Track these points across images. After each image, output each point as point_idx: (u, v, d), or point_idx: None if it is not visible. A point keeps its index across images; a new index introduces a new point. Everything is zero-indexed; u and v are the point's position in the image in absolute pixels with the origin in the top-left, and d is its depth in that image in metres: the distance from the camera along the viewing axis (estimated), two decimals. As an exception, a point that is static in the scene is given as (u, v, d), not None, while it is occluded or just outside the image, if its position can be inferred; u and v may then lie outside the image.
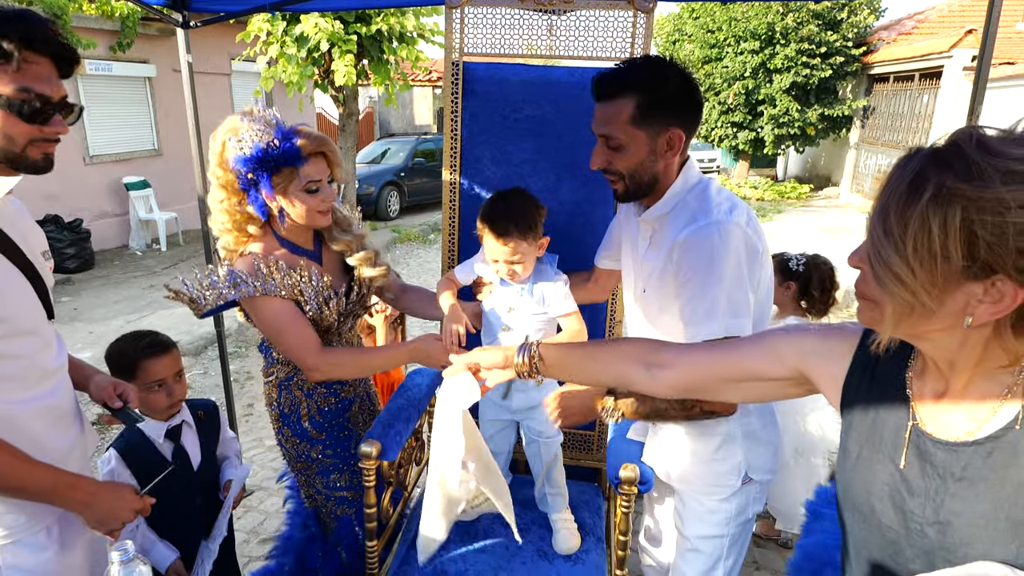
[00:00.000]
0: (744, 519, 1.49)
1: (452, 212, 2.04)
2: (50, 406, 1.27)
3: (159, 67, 8.72)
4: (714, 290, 1.24)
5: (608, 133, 1.32)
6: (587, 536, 1.84)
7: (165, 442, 1.66)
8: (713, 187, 1.36)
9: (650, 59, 1.35)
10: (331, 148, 1.57)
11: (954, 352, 0.77)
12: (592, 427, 2.15)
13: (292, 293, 1.56)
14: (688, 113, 1.32)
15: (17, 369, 1.18)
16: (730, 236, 1.26)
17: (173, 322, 5.49)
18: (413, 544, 1.81)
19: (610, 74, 1.31)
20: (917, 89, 11.05)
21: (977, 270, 0.68)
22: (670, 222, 1.36)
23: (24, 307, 1.20)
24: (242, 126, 1.49)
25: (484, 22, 1.92)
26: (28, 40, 1.07)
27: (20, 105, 1.08)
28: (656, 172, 1.34)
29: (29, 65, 1.08)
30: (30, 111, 1.09)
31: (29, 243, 1.25)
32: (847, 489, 0.91)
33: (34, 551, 1.26)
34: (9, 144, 1.11)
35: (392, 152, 12.04)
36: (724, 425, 1.42)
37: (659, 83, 1.27)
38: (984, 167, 0.66)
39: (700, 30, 13.55)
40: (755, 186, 13.82)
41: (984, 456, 0.76)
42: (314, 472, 1.80)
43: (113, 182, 8.46)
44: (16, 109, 1.08)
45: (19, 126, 1.10)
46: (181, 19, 2.61)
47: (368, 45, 7.60)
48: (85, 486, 1.23)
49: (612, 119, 1.30)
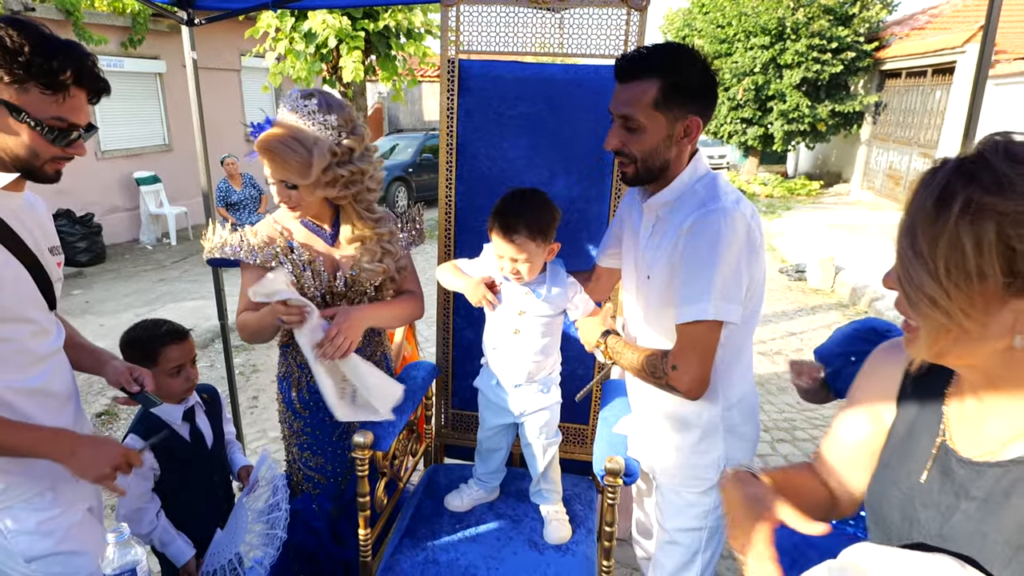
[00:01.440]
0: (722, 512, 1.51)
1: (448, 207, 2.07)
2: (39, 388, 1.33)
3: (169, 63, 8.81)
4: (711, 272, 1.26)
5: (628, 114, 1.31)
6: (578, 528, 1.86)
7: (182, 424, 1.75)
8: (721, 180, 1.37)
9: (675, 45, 1.35)
10: (271, 155, 1.54)
11: (996, 371, 0.73)
12: (587, 421, 2.17)
13: (271, 263, 1.68)
14: (707, 103, 1.33)
15: (6, 352, 1.25)
16: (735, 223, 1.27)
17: (181, 315, 5.56)
18: (408, 533, 1.85)
19: (636, 55, 1.31)
20: (930, 85, 10.94)
21: (1021, 284, 0.64)
22: (677, 209, 1.36)
23: (17, 295, 1.26)
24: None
25: (479, 20, 1.94)
26: (79, 76, 1.18)
27: (53, 131, 1.19)
28: (668, 158, 1.34)
29: (71, 98, 1.19)
30: (59, 135, 1.20)
31: (35, 236, 1.31)
32: (869, 494, 0.91)
33: (34, 512, 1.31)
34: (32, 158, 1.21)
35: (400, 148, 12.08)
36: (705, 416, 1.44)
37: (684, 69, 1.28)
38: (1014, 178, 0.63)
39: (710, 25, 13.47)
40: (764, 183, 13.73)
41: (998, 478, 0.74)
42: (292, 443, 1.89)
43: (124, 177, 8.56)
44: (47, 133, 1.19)
45: (47, 147, 1.21)
46: (186, 16, 2.65)
47: (376, 41, 7.65)
48: (66, 437, 1.28)
49: (634, 100, 1.30)
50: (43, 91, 1.17)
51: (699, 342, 1.29)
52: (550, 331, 1.73)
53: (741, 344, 1.41)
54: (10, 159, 1.21)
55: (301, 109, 1.56)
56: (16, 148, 1.20)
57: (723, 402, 1.43)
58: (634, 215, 1.51)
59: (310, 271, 1.71)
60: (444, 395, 2.23)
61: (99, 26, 7.61)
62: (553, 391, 1.80)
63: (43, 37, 1.17)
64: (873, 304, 5.79)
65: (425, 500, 2.00)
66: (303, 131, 1.55)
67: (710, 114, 1.35)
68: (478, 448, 1.95)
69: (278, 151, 1.53)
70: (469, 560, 1.74)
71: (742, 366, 1.44)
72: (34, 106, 1.18)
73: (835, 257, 6.82)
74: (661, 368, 1.34)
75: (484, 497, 1.98)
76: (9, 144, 1.20)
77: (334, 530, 1.88)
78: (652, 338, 1.47)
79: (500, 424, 1.86)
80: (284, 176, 1.58)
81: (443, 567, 1.72)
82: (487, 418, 1.87)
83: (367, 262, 1.74)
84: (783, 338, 5.16)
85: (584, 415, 2.15)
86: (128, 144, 8.65)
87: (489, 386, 1.82)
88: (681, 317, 1.30)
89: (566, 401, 1.85)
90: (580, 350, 1.73)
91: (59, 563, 1.35)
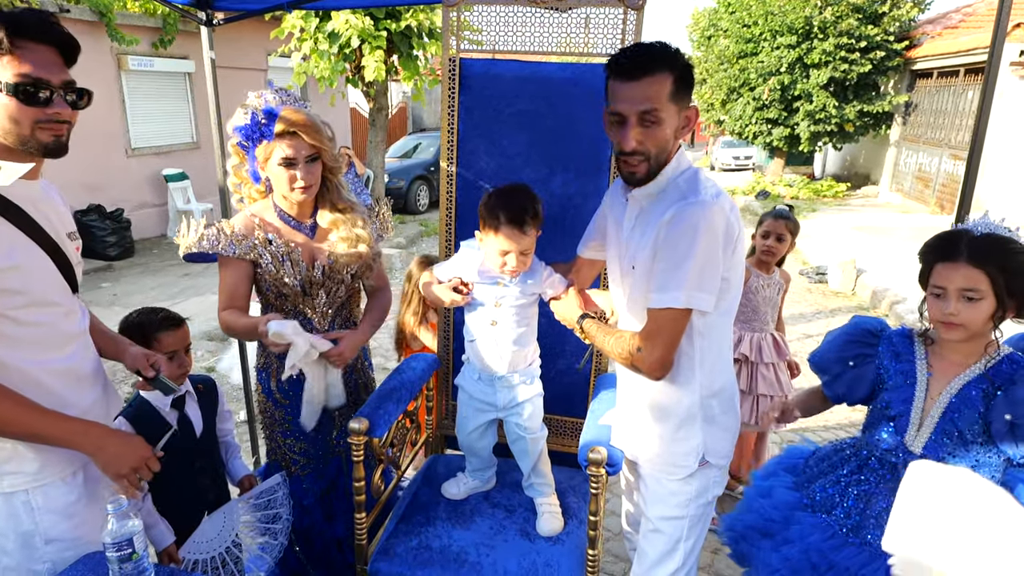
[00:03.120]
0: (704, 501, 1.53)
1: (449, 202, 2.11)
2: (70, 368, 1.39)
3: (198, 63, 9.01)
4: (688, 262, 1.30)
5: (650, 108, 1.31)
6: (570, 519, 1.89)
7: (171, 411, 1.78)
8: (702, 175, 1.41)
9: (663, 42, 1.37)
10: (306, 128, 1.69)
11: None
12: (582, 415, 2.20)
13: (250, 255, 1.76)
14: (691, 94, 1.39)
15: (39, 334, 1.30)
16: (713, 216, 1.31)
17: (203, 308, 5.71)
18: (403, 519, 1.90)
19: (642, 52, 1.33)
20: (962, 85, 10.68)
21: None
22: (660, 201, 1.40)
23: (45, 281, 1.31)
24: (251, 101, 1.69)
25: (480, 20, 1.98)
26: (17, 29, 1.17)
27: (19, 89, 1.18)
28: (671, 151, 1.39)
29: (26, 52, 1.18)
30: (30, 95, 1.19)
31: (53, 223, 1.36)
32: None
33: (64, 493, 1.36)
34: (16, 127, 1.22)
35: (423, 147, 12.19)
36: (684, 404, 1.47)
37: (686, 62, 1.34)
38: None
39: (736, 24, 13.33)
40: (790, 184, 13.55)
41: None
42: (276, 430, 1.96)
43: (153, 174, 8.79)
44: (16, 93, 1.18)
45: (22, 110, 1.20)
46: (205, 17, 2.74)
47: (398, 41, 7.74)
48: (96, 432, 1.34)
49: (655, 95, 1.31)
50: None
51: (666, 327, 1.35)
52: (525, 319, 1.78)
53: (721, 335, 1.43)
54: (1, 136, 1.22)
55: (286, 99, 1.73)
56: (5, 122, 1.20)
57: (701, 391, 1.45)
58: (617, 207, 1.55)
59: (289, 261, 1.78)
60: (444, 387, 2.27)
61: (131, 27, 7.83)
62: (535, 383, 1.84)
63: None
64: (894, 307, 5.69)
65: (423, 488, 2.05)
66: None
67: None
68: (461, 445, 1.98)
69: (313, 122, 1.70)
70: (461, 546, 1.78)
71: (722, 357, 1.47)
72: None
73: (857, 260, 6.72)
74: (628, 349, 1.40)
75: (480, 487, 2.02)
76: None
77: (324, 508, 1.94)
78: (636, 326, 1.50)
79: (482, 423, 1.88)
80: (319, 142, 1.72)
81: (435, 552, 1.77)
82: (469, 418, 1.90)
83: (344, 249, 1.81)
84: (799, 340, 5.10)
85: (579, 409, 2.18)
86: (157, 142, 8.88)
87: (472, 381, 1.86)
88: (654, 303, 1.34)
89: (561, 392, 1.89)
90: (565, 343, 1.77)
91: (72, 548, 1.37)
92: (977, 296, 1.34)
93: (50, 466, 1.34)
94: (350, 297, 1.94)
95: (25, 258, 1.27)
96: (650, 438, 1.53)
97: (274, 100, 1.70)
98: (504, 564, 1.72)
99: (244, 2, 2.81)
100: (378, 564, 1.75)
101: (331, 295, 1.85)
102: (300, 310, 1.85)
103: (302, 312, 1.85)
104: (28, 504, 1.32)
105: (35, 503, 1.32)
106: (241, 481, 2.00)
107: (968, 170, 2.11)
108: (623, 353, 1.41)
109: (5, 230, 1.23)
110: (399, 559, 1.75)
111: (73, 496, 1.38)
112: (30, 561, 1.34)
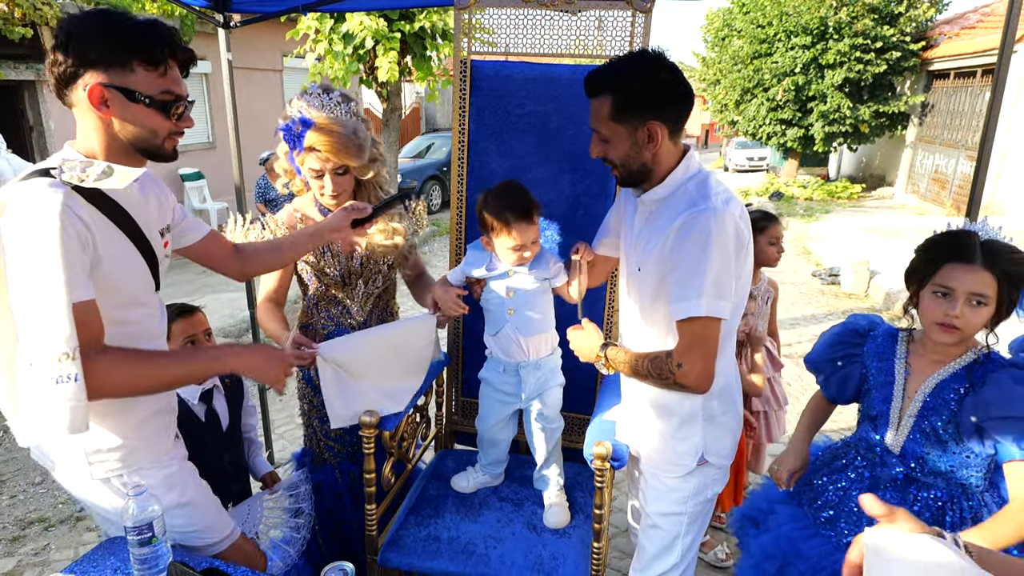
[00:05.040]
0: (703, 499, 1.55)
1: (460, 202, 2.15)
2: None
3: (215, 64, 9.14)
4: (703, 270, 1.31)
5: (594, 128, 1.42)
6: (577, 514, 1.92)
7: (199, 404, 1.84)
8: (712, 179, 1.42)
9: (629, 57, 1.40)
10: (333, 147, 1.73)
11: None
12: (588, 411, 2.22)
13: None
14: (666, 107, 1.37)
15: (132, 334, 1.33)
16: (724, 223, 1.32)
17: (219, 306, 5.80)
18: (413, 510, 1.94)
19: (591, 74, 1.39)
20: (979, 86, 10.56)
21: None
22: (668, 206, 1.41)
23: (140, 282, 1.35)
24: (290, 108, 1.77)
25: (492, 22, 2.02)
26: (172, 49, 1.25)
27: (164, 104, 1.26)
28: (644, 162, 1.40)
29: (168, 68, 1.26)
30: (170, 108, 1.27)
31: (147, 219, 1.38)
32: None
33: (160, 469, 1.41)
34: (153, 137, 1.28)
35: (436, 147, 12.27)
36: (687, 405, 1.49)
37: (631, 81, 1.34)
38: None
39: (750, 25, 13.26)
40: (804, 185, 13.46)
41: None
42: (313, 416, 2.04)
43: (169, 173, 8.91)
44: (161, 107, 1.26)
45: (163, 122, 1.27)
46: (222, 19, 2.80)
47: (411, 42, 7.79)
48: (235, 351, 1.38)
49: (596, 115, 1.40)
50: (146, 67, 1.22)
51: (701, 338, 1.36)
52: (540, 306, 1.82)
53: (724, 337, 1.45)
54: (132, 142, 1.26)
55: (328, 103, 1.75)
56: (137, 131, 1.25)
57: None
58: (629, 208, 1.57)
59: (329, 253, 1.89)
60: (454, 383, 2.31)
61: (150, 28, 7.96)
62: (557, 373, 1.90)
63: (128, 17, 1.23)
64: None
65: (432, 482, 2.08)
66: (346, 121, 1.75)
67: (677, 114, 1.37)
68: (479, 440, 2.02)
69: (346, 137, 1.73)
70: (469, 538, 1.82)
71: (724, 358, 1.48)
72: (143, 84, 1.22)
73: (870, 261, 6.68)
74: (667, 368, 1.40)
75: (489, 482, 2.06)
76: (129, 129, 1.24)
77: (355, 495, 2.01)
78: (642, 329, 1.53)
79: (503, 415, 1.93)
80: (346, 160, 1.77)
81: (444, 543, 1.80)
82: (491, 410, 1.94)
83: (380, 240, 1.90)
84: (810, 341, 5.09)
85: (586, 405, 2.21)
86: (175, 141, 9.01)
87: (496, 373, 1.90)
88: (676, 314, 1.35)
89: (567, 388, 1.92)
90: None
91: (181, 515, 1.42)
92: (984, 301, 1.33)
93: (140, 451, 1.37)
94: (387, 288, 2.06)
95: (125, 259, 1.30)
96: (651, 435, 1.56)
97: (310, 107, 1.73)
98: (511, 556, 1.75)
99: (261, 4, 2.87)
100: (388, 555, 1.79)
101: (369, 285, 1.96)
102: (340, 299, 1.96)
103: (341, 302, 1.96)
104: (126, 485, 1.35)
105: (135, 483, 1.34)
106: (264, 477, 2.06)
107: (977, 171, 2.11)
108: (662, 373, 1.41)
109: (111, 232, 1.26)
110: (408, 550, 1.79)
111: (169, 469, 1.42)
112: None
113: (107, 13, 1.22)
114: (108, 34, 1.20)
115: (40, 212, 1.12)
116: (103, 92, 1.20)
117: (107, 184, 1.21)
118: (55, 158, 1.25)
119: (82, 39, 1.19)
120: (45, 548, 2.67)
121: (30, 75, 6.85)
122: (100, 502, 1.37)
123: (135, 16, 1.25)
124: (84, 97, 1.20)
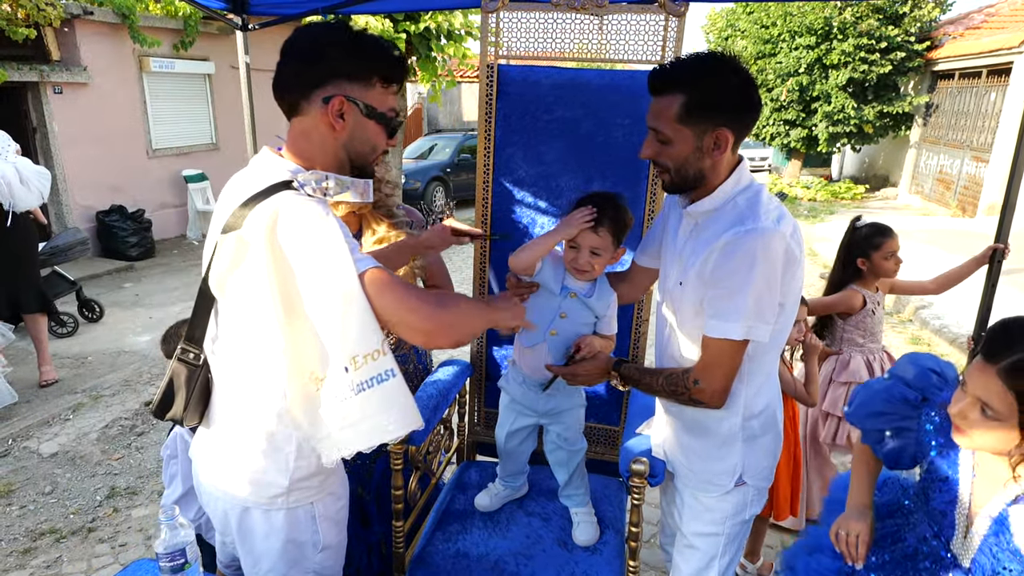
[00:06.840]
0: (741, 519, 1.51)
1: (484, 209, 2.11)
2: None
3: (218, 64, 9.08)
4: (746, 292, 1.26)
5: (656, 127, 1.33)
6: (607, 529, 1.88)
7: None
8: (764, 195, 1.36)
9: (704, 56, 1.32)
10: None
11: None
12: (617, 423, 2.18)
13: None
14: (739, 114, 1.31)
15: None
16: (773, 243, 1.27)
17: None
18: (439, 527, 1.90)
19: (662, 70, 1.32)
20: (984, 86, 10.54)
21: None
22: (716, 220, 1.36)
23: None
24: None
25: (519, 25, 1.97)
26: (404, 68, 1.25)
27: (390, 123, 1.25)
28: (702, 168, 1.34)
29: (394, 87, 1.24)
30: (392, 127, 1.26)
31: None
32: None
33: (335, 500, 1.37)
34: (371, 153, 1.26)
35: (439, 148, 12.20)
36: (726, 424, 1.44)
37: (708, 82, 1.28)
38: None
39: (754, 25, 13.23)
40: (807, 186, 13.42)
41: None
42: None
43: (173, 175, 8.86)
44: (387, 125, 1.24)
45: (383, 140, 1.26)
46: (240, 22, 2.76)
47: (417, 43, 7.75)
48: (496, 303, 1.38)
49: (661, 114, 1.32)
50: (384, 84, 1.20)
51: (723, 359, 1.32)
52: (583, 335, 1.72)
53: (768, 357, 1.40)
54: (352, 156, 1.24)
55: None
56: (361, 146, 1.23)
57: (744, 412, 1.42)
58: (673, 218, 1.51)
59: None
60: (477, 393, 2.27)
61: (152, 28, 7.90)
62: (578, 394, 1.82)
63: (365, 32, 1.21)
64: (918, 312, 5.62)
65: (457, 495, 2.04)
66: None
67: (747, 124, 1.33)
68: (499, 449, 1.97)
69: None
70: (499, 555, 1.78)
71: (768, 378, 1.44)
72: (378, 101, 1.21)
73: (879, 263, 6.64)
74: (683, 385, 1.38)
75: (512, 495, 2.01)
76: (355, 143, 1.22)
77: (362, 512, 1.95)
78: (679, 345, 1.47)
79: (522, 426, 1.87)
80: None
81: (473, 561, 1.76)
82: (510, 420, 1.88)
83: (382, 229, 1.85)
84: (822, 345, 5.05)
85: (612, 416, 2.17)
86: (178, 143, 8.95)
87: (516, 384, 1.84)
88: (711, 331, 1.31)
89: (593, 399, 1.88)
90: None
91: (333, 556, 1.37)
92: (992, 415, 1.10)
93: (331, 477, 1.34)
94: None
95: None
96: (689, 453, 1.52)
97: None
98: (543, 574, 1.71)
99: (279, 7, 2.83)
100: (416, 572, 1.75)
101: None
102: None
103: None
104: (311, 514, 1.30)
105: (317, 512, 1.32)
106: None
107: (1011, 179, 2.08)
108: (677, 390, 1.39)
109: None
110: (438, 568, 1.74)
111: (341, 502, 1.39)
112: (292, 570, 1.32)
113: (347, 26, 1.20)
114: (357, 48, 1.18)
115: (315, 217, 1.10)
116: (343, 104, 1.18)
117: (343, 197, 1.22)
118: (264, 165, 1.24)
119: (334, 49, 1.17)
120: (57, 561, 2.62)
121: (33, 76, 6.78)
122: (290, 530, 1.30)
123: (368, 32, 1.24)
124: (321, 106, 1.18)
